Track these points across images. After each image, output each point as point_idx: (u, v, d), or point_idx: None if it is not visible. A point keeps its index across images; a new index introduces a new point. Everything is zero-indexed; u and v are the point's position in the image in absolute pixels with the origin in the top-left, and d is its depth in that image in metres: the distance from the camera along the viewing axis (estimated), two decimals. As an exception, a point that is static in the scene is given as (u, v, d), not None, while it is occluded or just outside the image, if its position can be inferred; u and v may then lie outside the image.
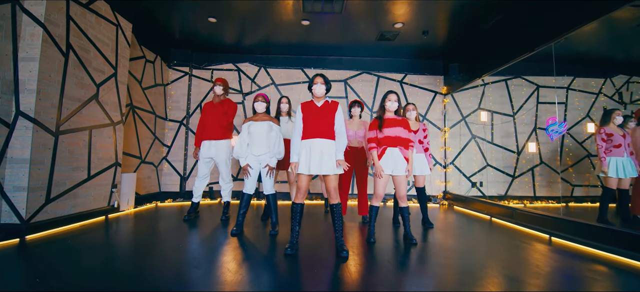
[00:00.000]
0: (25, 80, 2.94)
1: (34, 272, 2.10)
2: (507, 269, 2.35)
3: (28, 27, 2.99)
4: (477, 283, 2.07)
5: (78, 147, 3.46)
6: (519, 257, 2.70)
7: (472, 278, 2.15)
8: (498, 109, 6.26)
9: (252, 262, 2.36)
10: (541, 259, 2.66)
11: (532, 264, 2.52)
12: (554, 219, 3.58)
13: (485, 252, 2.83)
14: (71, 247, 2.66)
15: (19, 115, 2.89)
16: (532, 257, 2.71)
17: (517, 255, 2.76)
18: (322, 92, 2.70)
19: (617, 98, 6.17)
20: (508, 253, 2.82)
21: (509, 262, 2.55)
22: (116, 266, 2.25)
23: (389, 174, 3.02)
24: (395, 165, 3.00)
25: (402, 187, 3.06)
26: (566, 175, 6.03)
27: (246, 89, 6.10)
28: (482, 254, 2.77)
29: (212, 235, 3.19)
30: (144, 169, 5.18)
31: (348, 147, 3.86)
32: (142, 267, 2.25)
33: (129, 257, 2.47)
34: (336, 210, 2.67)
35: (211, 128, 3.92)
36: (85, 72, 3.54)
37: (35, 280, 1.95)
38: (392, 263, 2.43)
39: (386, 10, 4.36)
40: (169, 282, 1.96)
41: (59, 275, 2.03)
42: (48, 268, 2.14)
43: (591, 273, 2.34)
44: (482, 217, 4.61)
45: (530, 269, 2.37)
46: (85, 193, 3.58)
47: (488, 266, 2.41)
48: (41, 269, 2.14)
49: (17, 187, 2.85)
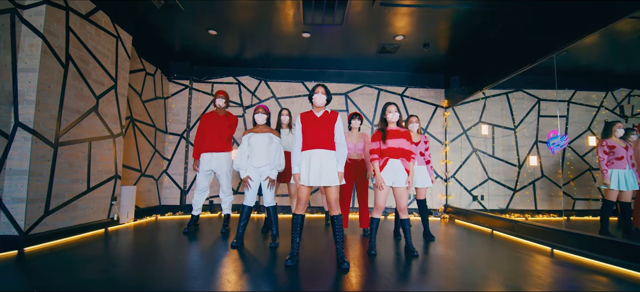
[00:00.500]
0: (25, 91, 2.95)
1: (32, 283, 2.04)
2: (509, 280, 2.30)
3: (27, 38, 3.02)
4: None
5: (77, 159, 3.44)
6: (520, 268, 2.65)
7: (474, 289, 2.09)
8: (499, 122, 6.28)
9: (252, 274, 2.31)
10: (543, 270, 2.61)
11: (534, 275, 2.46)
12: (555, 231, 3.53)
13: (486, 264, 2.77)
14: (71, 258, 2.61)
15: (17, 126, 2.89)
16: (533, 268, 2.66)
17: (519, 266, 2.71)
18: (323, 102, 2.71)
19: (618, 111, 6.20)
20: (509, 265, 2.76)
21: (510, 273, 2.49)
22: (116, 277, 2.20)
23: (390, 185, 2.99)
24: (396, 177, 2.97)
25: (403, 199, 3.02)
26: (567, 189, 5.99)
27: (247, 102, 6.14)
28: (483, 266, 2.72)
29: (212, 247, 3.14)
30: (144, 182, 5.15)
31: (348, 159, 3.84)
32: (141, 278, 2.19)
33: (129, 269, 2.41)
34: (337, 221, 2.63)
35: (212, 140, 3.91)
36: (84, 84, 3.56)
37: (33, 291, 1.90)
38: (394, 275, 2.38)
39: (387, 22, 4.42)
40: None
41: (58, 286, 1.98)
42: (47, 280, 2.09)
43: (593, 284, 2.29)
44: (484, 230, 4.55)
45: (531, 280, 2.32)
46: (85, 205, 3.54)
47: (490, 278, 2.36)
48: (40, 280, 2.08)
49: (15, 199, 2.82)
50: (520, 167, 6.14)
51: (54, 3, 3.12)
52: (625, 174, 3.81)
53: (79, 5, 3.46)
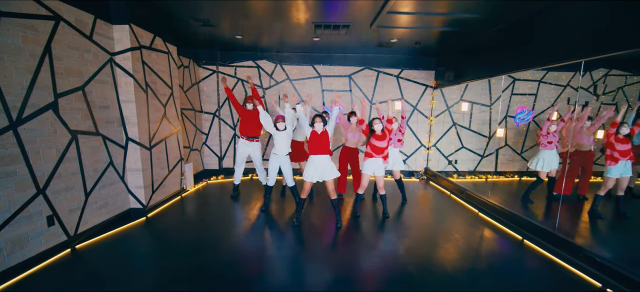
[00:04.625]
0: (128, 116, 4.33)
1: (165, 233, 3.75)
2: (441, 235, 3.96)
3: (122, 78, 4.26)
4: (411, 238, 3.68)
5: (161, 154, 4.96)
6: (453, 226, 4.31)
7: (412, 235, 3.75)
8: (478, 100, 7.47)
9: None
10: (468, 230, 4.26)
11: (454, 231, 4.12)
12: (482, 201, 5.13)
13: (434, 223, 4.44)
14: (176, 217, 4.35)
15: (128, 141, 4.35)
16: (463, 228, 4.31)
17: (453, 224, 4.37)
18: (321, 128, 4.14)
19: (592, 90, 6.84)
20: (449, 223, 4.42)
21: (447, 230, 4.15)
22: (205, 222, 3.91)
23: (372, 173, 4.55)
24: (376, 169, 4.53)
25: (380, 181, 4.65)
26: (525, 155, 7.46)
27: (265, 84, 7.34)
28: (431, 224, 4.39)
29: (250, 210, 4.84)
30: (193, 155, 6.72)
31: (345, 147, 5.30)
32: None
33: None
34: (333, 202, 4.32)
35: (250, 129, 5.31)
36: (157, 99, 4.89)
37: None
38: (372, 230, 4.05)
39: (384, 32, 5.44)
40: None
41: (179, 234, 3.69)
42: (170, 232, 3.80)
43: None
44: (445, 192, 6.21)
45: (451, 236, 3.98)
46: (169, 183, 5.19)
47: (431, 233, 4.02)
48: (166, 231, 3.79)
49: (137, 186, 4.45)
50: (490, 138, 7.54)
51: (133, 47, 4.30)
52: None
53: (145, 40, 4.59)
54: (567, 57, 3.76)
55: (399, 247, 3.78)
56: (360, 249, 3.71)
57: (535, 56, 4.27)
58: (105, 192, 4.03)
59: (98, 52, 3.94)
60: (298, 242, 3.86)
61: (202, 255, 3.48)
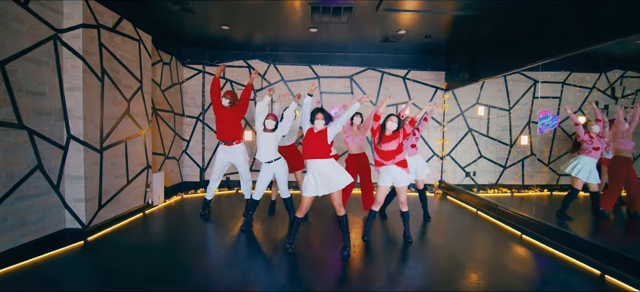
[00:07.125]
0: (72, 107, 3.41)
1: (101, 265, 2.73)
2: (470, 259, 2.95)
3: (69, 60, 3.40)
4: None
5: (118, 159, 4.00)
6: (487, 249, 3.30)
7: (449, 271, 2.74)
8: (495, 103, 6.60)
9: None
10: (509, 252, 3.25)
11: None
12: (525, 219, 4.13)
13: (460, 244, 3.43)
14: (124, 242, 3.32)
15: (70, 139, 3.40)
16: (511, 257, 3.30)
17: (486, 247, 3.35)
18: (322, 126, 3.18)
19: (609, 92, 6.44)
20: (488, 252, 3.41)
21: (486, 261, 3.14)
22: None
23: (390, 185, 3.58)
24: (397, 179, 3.55)
25: (402, 195, 3.61)
26: (553, 165, 6.50)
27: (257, 85, 6.48)
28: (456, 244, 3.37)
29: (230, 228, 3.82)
30: (168, 164, 5.75)
31: (350, 154, 4.36)
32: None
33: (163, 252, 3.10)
34: (342, 220, 3.27)
35: (227, 130, 4.31)
36: (117, 91, 3.98)
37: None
38: (393, 261, 3.03)
39: (390, 20, 4.62)
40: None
41: (121, 267, 2.66)
42: (110, 259, 2.78)
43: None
44: (469, 208, 5.20)
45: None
46: (126, 196, 4.18)
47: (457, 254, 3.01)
48: (105, 261, 2.77)
49: (76, 199, 3.44)
50: (512, 146, 6.60)
51: (87, 25, 3.44)
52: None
53: (107, 20, 3.76)
54: None
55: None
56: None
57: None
58: (23, 205, 2.97)
59: (37, 26, 3.09)
60: (292, 279, 2.84)
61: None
